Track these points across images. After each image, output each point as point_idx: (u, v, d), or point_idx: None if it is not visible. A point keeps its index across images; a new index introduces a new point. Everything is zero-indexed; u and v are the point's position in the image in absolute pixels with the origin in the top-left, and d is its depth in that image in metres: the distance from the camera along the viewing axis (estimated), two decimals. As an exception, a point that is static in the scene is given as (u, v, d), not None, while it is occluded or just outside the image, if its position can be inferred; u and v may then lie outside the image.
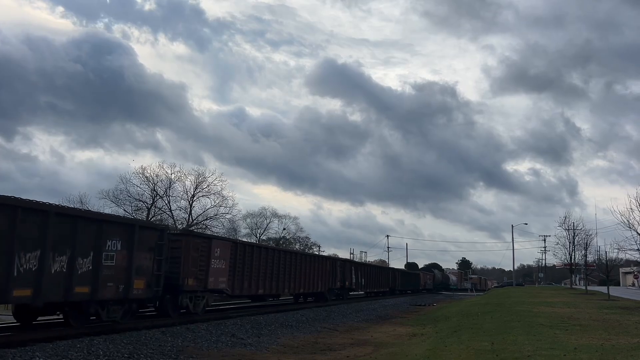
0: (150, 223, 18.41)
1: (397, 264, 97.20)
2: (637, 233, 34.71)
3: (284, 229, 78.01)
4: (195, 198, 59.19)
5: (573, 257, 59.63)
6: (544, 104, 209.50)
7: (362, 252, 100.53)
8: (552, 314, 22.76)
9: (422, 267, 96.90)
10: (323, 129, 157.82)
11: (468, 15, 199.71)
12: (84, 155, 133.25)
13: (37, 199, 13.66)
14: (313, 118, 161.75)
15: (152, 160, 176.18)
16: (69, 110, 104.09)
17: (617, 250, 43.34)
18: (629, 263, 75.76)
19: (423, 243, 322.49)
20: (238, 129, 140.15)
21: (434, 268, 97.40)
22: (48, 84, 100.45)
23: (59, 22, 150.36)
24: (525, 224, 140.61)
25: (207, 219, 59.01)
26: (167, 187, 57.41)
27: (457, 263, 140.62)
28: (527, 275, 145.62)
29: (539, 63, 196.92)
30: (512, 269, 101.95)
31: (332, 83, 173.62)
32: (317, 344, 17.61)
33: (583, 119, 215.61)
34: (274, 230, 77.90)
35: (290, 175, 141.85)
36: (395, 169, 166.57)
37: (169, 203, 57.87)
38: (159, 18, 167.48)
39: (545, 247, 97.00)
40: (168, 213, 57.68)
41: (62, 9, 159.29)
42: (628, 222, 34.87)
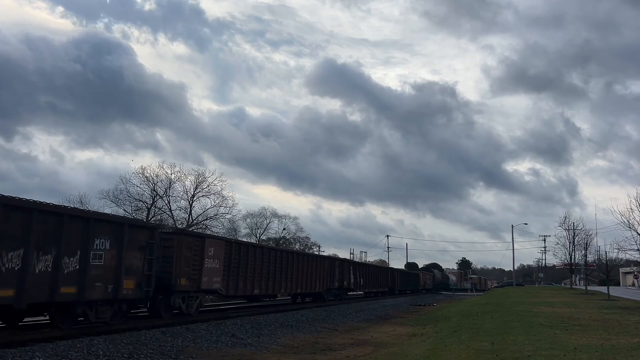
0: (141, 221, 17.93)
1: (397, 264, 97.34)
2: (637, 233, 34.79)
3: (284, 229, 78.08)
4: (195, 198, 59.19)
5: (573, 257, 59.71)
6: (544, 104, 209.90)
7: (362, 252, 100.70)
8: (552, 314, 22.76)
9: (422, 267, 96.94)
10: (323, 129, 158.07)
11: (468, 15, 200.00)
12: (84, 155, 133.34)
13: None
14: (313, 118, 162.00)
15: (151, 160, 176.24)
16: (69, 110, 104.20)
17: (617, 250, 43.43)
18: (629, 263, 75.78)
19: (423, 243, 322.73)
20: (238, 129, 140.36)
21: (434, 268, 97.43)
22: (48, 84, 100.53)
23: (59, 22, 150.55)
24: (525, 224, 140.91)
25: (207, 219, 59.00)
26: (167, 187, 57.39)
27: (457, 263, 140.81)
28: (527, 275, 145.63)
29: (539, 63, 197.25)
30: (512, 269, 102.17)
31: (331, 83, 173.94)
32: (317, 344, 17.60)
33: (583, 119, 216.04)
34: (274, 230, 77.96)
35: (290, 175, 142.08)
36: (395, 169, 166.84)
37: (169, 203, 57.87)
38: (159, 18, 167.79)
39: (545, 247, 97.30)
40: (168, 213, 57.69)
41: (62, 9, 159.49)
42: (628, 222, 34.97)
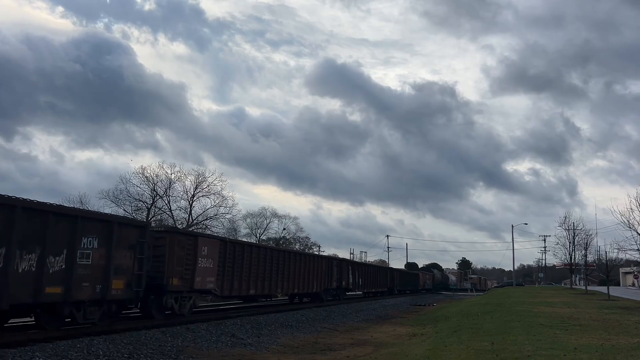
0: (131, 219, 16.97)
1: (397, 264, 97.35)
2: (637, 233, 34.85)
3: (284, 229, 78.10)
4: (195, 198, 59.20)
5: (573, 257, 59.76)
6: (544, 104, 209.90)
7: (362, 252, 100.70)
8: (552, 314, 22.77)
9: (421, 267, 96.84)
10: (323, 129, 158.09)
11: (467, 15, 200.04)
12: (84, 155, 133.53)
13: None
14: (313, 118, 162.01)
15: (151, 160, 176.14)
16: (69, 110, 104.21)
17: (617, 250, 43.50)
18: (629, 263, 75.79)
19: (423, 243, 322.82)
20: (238, 129, 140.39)
21: (434, 268, 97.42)
22: (47, 84, 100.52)
23: (59, 22, 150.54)
24: (525, 224, 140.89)
25: (207, 219, 59.02)
26: (167, 187, 57.41)
27: (457, 263, 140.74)
28: (527, 275, 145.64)
29: (539, 63, 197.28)
30: (512, 269, 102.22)
31: (331, 83, 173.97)
32: (317, 344, 17.61)
33: (583, 119, 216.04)
34: (274, 230, 77.99)
35: (290, 175, 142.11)
36: (395, 169, 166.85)
37: (169, 203, 57.88)
38: (159, 18, 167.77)
39: (545, 247, 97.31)
40: (168, 213, 57.72)
41: (62, 9, 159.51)
42: (628, 222, 35.03)
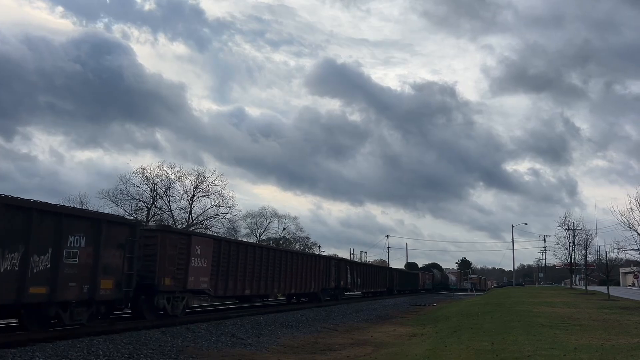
0: (120, 217, 16.70)
1: (397, 264, 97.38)
2: (637, 233, 34.84)
3: (284, 229, 78.12)
4: (195, 198, 59.25)
5: (573, 257, 59.75)
6: (544, 104, 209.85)
7: (362, 252, 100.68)
8: (552, 314, 22.77)
9: (421, 267, 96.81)
10: (322, 129, 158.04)
11: (467, 15, 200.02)
12: (84, 155, 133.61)
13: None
14: (312, 118, 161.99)
15: (151, 160, 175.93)
16: (69, 110, 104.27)
17: (617, 250, 43.51)
18: (629, 263, 75.81)
19: (423, 243, 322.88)
20: (237, 129, 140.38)
21: (434, 268, 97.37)
22: (47, 84, 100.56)
23: (59, 22, 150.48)
24: (525, 224, 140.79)
25: (207, 219, 59.07)
26: (167, 187, 57.47)
27: (457, 263, 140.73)
28: (527, 275, 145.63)
29: (538, 63, 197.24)
30: (512, 269, 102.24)
31: (331, 83, 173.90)
32: (317, 344, 17.61)
33: (582, 119, 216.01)
34: (274, 230, 78.01)
35: (290, 175, 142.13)
36: (395, 169, 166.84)
37: (169, 203, 57.92)
38: (159, 18, 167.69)
39: (545, 247, 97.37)
40: (168, 213, 57.75)
41: (61, 9, 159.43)
42: (628, 222, 35.03)
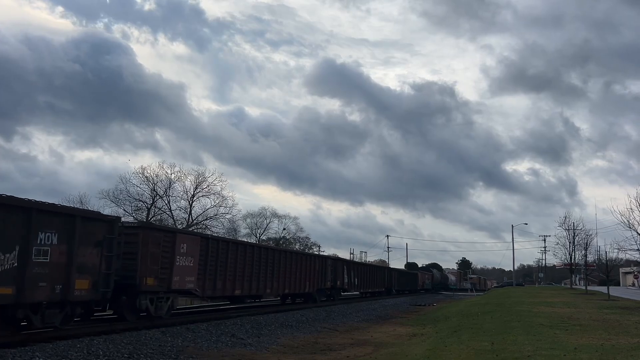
0: (97, 213, 15.89)
1: (397, 264, 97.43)
2: (637, 233, 34.84)
3: (284, 229, 78.14)
4: (195, 198, 59.31)
5: (573, 257, 59.74)
6: (543, 104, 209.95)
7: (362, 252, 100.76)
8: (552, 314, 22.77)
9: (421, 267, 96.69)
10: (322, 129, 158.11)
11: (467, 15, 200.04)
12: (83, 155, 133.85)
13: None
14: (312, 118, 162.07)
15: (151, 160, 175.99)
16: (68, 110, 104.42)
17: (617, 250, 43.48)
18: (629, 263, 75.79)
19: (423, 243, 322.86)
20: (237, 129, 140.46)
21: (433, 268, 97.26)
22: (47, 84, 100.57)
23: (59, 22, 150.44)
24: (525, 224, 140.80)
25: (207, 219, 59.10)
26: (167, 187, 57.53)
27: (457, 263, 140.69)
28: (527, 275, 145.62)
29: (538, 63, 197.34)
30: (512, 269, 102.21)
31: (331, 83, 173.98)
32: (317, 344, 17.61)
33: (582, 119, 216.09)
34: (274, 230, 78.08)
35: (290, 175, 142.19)
36: (395, 169, 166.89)
37: (169, 203, 57.98)
38: (159, 18, 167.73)
39: (545, 247, 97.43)
40: (168, 213, 57.81)
41: (61, 9, 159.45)
42: (628, 222, 35.03)
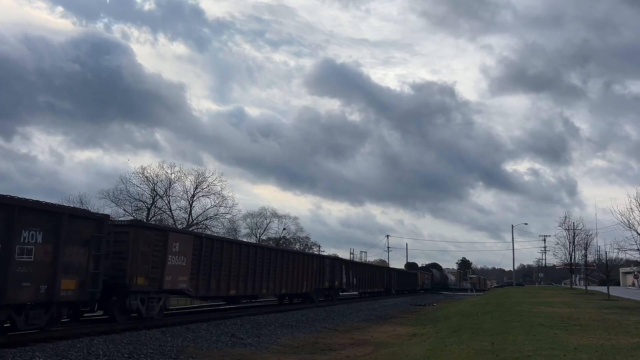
0: (85, 211, 15.38)
1: (397, 264, 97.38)
2: (637, 233, 34.86)
3: (284, 229, 78.15)
4: (195, 198, 59.33)
5: (573, 257, 59.75)
6: (543, 104, 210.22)
7: (362, 252, 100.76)
8: (552, 314, 22.77)
9: (421, 267, 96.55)
10: (322, 129, 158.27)
11: (466, 15, 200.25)
12: (83, 155, 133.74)
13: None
14: (312, 118, 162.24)
15: (151, 160, 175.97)
16: (68, 110, 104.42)
17: (617, 250, 43.49)
18: (629, 263, 75.79)
19: (423, 243, 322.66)
20: (237, 129, 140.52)
21: (433, 268, 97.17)
22: (47, 84, 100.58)
23: (59, 22, 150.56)
24: (525, 224, 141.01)
25: (207, 219, 59.10)
26: (167, 187, 57.54)
27: (457, 263, 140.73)
28: (527, 275, 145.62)
29: (538, 63, 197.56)
30: (512, 269, 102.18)
31: (331, 83, 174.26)
32: (317, 344, 17.61)
33: (582, 119, 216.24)
34: (274, 230, 78.10)
35: (290, 175, 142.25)
36: (395, 169, 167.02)
37: (169, 203, 57.99)
38: (159, 18, 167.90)
39: (545, 247, 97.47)
40: (168, 213, 57.81)
41: (61, 9, 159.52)
42: (628, 222, 35.06)
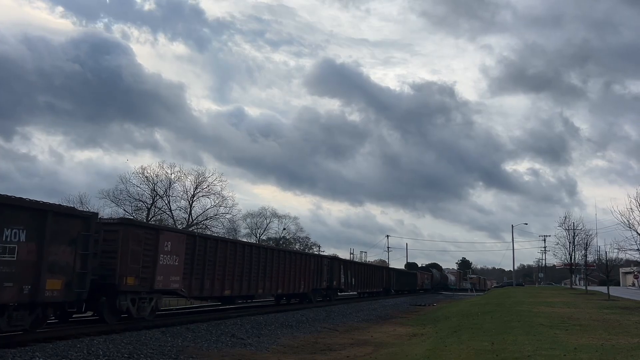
0: (71, 209, 14.81)
1: (397, 264, 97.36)
2: (637, 233, 34.88)
3: (284, 229, 78.18)
4: (195, 198, 59.40)
5: (573, 257, 59.74)
6: (543, 104, 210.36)
7: (362, 252, 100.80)
8: (552, 314, 22.77)
9: (420, 267, 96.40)
10: (322, 129, 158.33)
11: (466, 15, 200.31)
12: (83, 155, 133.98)
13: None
14: (312, 118, 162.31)
15: (151, 160, 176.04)
16: (68, 110, 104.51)
17: (617, 250, 43.49)
18: (629, 263, 75.80)
19: (423, 243, 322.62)
20: (237, 129, 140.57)
21: (433, 268, 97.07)
22: (46, 84, 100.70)
23: (59, 22, 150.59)
24: (525, 224, 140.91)
25: (207, 219, 59.12)
26: (167, 187, 57.58)
27: (457, 263, 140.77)
28: (527, 275, 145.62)
29: (538, 63, 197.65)
30: (512, 269, 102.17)
31: (331, 83, 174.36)
32: (317, 344, 17.60)
33: (582, 119, 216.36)
34: (274, 231, 78.20)
35: (290, 175, 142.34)
36: (395, 169, 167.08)
37: (169, 203, 58.04)
38: (159, 18, 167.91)
39: (545, 247, 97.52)
40: (168, 213, 57.86)
41: (61, 9, 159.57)
42: (628, 222, 35.10)
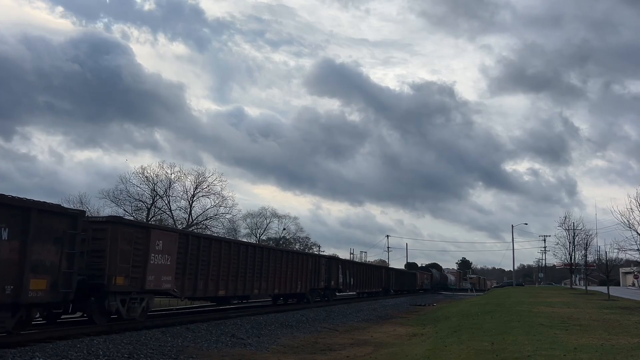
0: (56, 206, 14.23)
1: (397, 264, 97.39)
2: (637, 233, 34.90)
3: (284, 229, 78.18)
4: (195, 198, 59.41)
5: (573, 257, 59.76)
6: (543, 104, 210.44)
7: (362, 252, 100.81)
8: (552, 314, 22.77)
9: (420, 267, 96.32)
10: (322, 129, 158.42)
11: (465, 15, 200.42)
12: (83, 155, 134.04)
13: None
14: (312, 118, 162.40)
15: (150, 160, 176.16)
16: (67, 110, 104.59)
17: (617, 250, 43.51)
18: (629, 263, 75.84)
19: (422, 243, 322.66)
20: (237, 129, 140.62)
21: (433, 268, 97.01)
22: (46, 84, 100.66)
23: (59, 22, 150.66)
24: (525, 224, 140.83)
25: (207, 219, 59.12)
26: (167, 187, 57.59)
27: (457, 263, 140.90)
28: (527, 275, 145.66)
29: (537, 63, 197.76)
30: (512, 269, 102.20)
31: (330, 83, 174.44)
32: (317, 344, 17.60)
33: (581, 119, 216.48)
34: (274, 231, 78.22)
35: (290, 175, 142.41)
36: (394, 169, 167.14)
37: (169, 203, 58.05)
38: (159, 18, 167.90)
39: (545, 247, 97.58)
40: (168, 213, 57.86)
41: (61, 9, 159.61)
42: (628, 222, 35.14)
